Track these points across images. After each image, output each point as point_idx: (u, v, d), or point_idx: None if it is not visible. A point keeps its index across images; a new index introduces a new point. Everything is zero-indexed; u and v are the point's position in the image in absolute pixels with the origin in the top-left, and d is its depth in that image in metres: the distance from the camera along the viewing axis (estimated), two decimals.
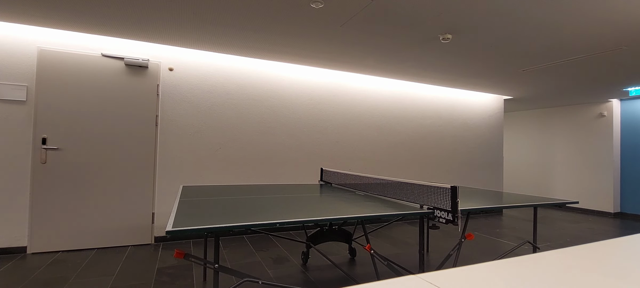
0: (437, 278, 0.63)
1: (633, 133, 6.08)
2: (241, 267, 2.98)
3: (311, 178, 4.48)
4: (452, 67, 4.26)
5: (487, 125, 6.09)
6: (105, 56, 3.48)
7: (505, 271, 0.69)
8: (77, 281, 2.58)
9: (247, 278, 1.69)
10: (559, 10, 2.54)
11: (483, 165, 6.00)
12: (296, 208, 1.85)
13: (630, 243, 0.93)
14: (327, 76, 4.67)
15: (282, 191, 2.66)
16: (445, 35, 3.12)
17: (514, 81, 4.91)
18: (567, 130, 6.84)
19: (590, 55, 3.61)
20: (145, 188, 3.62)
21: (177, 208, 1.71)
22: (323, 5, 2.55)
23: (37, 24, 3.12)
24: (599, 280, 0.66)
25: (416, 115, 5.36)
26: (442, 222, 1.74)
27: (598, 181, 6.31)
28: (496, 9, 2.55)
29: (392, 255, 3.37)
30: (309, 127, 4.54)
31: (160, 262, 3.07)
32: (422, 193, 2.01)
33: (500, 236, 4.35)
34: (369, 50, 3.65)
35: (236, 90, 4.13)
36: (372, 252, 2.04)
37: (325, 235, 2.93)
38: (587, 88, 5.23)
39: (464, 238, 2.23)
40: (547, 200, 2.50)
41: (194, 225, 1.33)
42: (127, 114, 3.55)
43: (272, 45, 3.56)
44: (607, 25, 2.80)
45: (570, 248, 0.85)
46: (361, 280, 2.71)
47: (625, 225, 5.44)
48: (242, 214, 1.62)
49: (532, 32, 2.99)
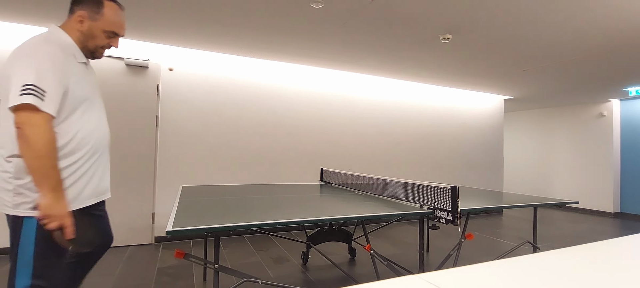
0: (437, 278, 0.63)
1: (633, 133, 6.08)
2: (241, 267, 2.98)
3: (311, 178, 4.48)
4: (452, 67, 4.26)
5: (487, 125, 6.09)
6: (105, 56, 3.48)
7: (505, 271, 0.69)
8: None
9: (247, 278, 1.69)
10: (559, 10, 2.54)
11: (483, 165, 6.00)
12: (296, 208, 1.85)
13: (630, 243, 0.93)
14: (327, 76, 4.67)
15: (282, 191, 2.66)
16: (445, 35, 3.12)
17: (514, 81, 4.91)
18: (567, 130, 6.84)
19: (590, 55, 3.61)
20: (145, 189, 3.61)
21: (177, 208, 1.71)
22: (323, 5, 2.55)
23: (38, 24, 3.11)
24: (599, 280, 0.66)
25: (416, 115, 5.36)
26: (442, 222, 1.74)
27: (598, 181, 6.31)
28: (496, 9, 2.55)
29: (392, 255, 3.37)
30: (309, 127, 4.54)
31: (160, 262, 3.07)
32: (422, 193, 2.01)
33: (500, 236, 4.35)
34: (369, 50, 3.64)
35: (236, 90, 4.13)
36: (372, 252, 2.04)
37: (325, 235, 2.93)
38: (587, 88, 5.23)
39: (464, 238, 2.23)
40: (547, 200, 2.50)
41: (194, 225, 1.33)
42: (127, 114, 3.55)
43: (272, 45, 3.56)
44: (608, 25, 2.80)
45: (570, 248, 0.85)
46: (361, 280, 2.71)
47: (625, 225, 5.44)
48: (242, 214, 1.62)
49: (532, 32, 2.99)
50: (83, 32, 1.25)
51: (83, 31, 1.25)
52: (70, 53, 1.21)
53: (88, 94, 1.25)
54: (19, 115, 1.04)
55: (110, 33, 1.30)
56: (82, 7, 1.24)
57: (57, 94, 1.10)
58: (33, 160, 1.04)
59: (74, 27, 1.25)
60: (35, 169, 1.04)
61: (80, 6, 1.24)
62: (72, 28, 1.25)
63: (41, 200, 1.05)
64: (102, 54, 1.34)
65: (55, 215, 1.06)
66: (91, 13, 1.25)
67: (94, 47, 1.29)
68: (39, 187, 1.06)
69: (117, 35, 1.32)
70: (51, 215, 1.05)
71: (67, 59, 1.17)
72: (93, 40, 1.27)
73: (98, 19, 1.26)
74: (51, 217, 1.06)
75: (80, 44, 1.26)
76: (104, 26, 1.27)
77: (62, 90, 1.13)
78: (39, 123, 1.05)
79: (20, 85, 1.04)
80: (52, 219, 1.06)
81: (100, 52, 1.32)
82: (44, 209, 1.05)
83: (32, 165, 1.04)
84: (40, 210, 1.06)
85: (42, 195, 1.05)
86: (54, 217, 1.06)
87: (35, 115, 1.05)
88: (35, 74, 1.06)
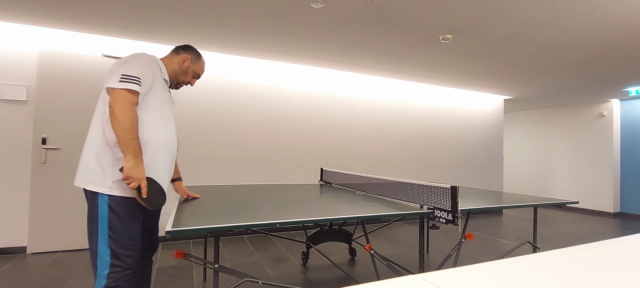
0: (437, 278, 0.63)
1: (633, 133, 6.08)
2: (241, 267, 2.98)
3: (311, 178, 4.48)
4: (452, 67, 4.26)
5: (487, 125, 6.09)
6: (105, 56, 3.48)
7: (505, 271, 0.69)
8: (77, 281, 2.58)
9: (247, 278, 1.69)
10: (559, 10, 2.54)
11: (483, 165, 6.00)
12: (296, 208, 1.85)
13: (630, 243, 0.93)
14: (327, 76, 4.67)
15: (282, 191, 2.66)
16: (445, 35, 3.12)
17: (514, 81, 4.91)
18: (567, 130, 6.84)
19: (590, 55, 3.61)
20: None
21: (177, 208, 1.71)
22: (323, 5, 2.55)
23: (38, 24, 3.11)
24: (599, 280, 0.66)
25: (416, 115, 5.36)
26: (442, 222, 1.74)
27: (598, 181, 6.31)
28: (496, 9, 2.55)
29: (392, 255, 3.37)
30: (309, 127, 4.54)
31: (160, 262, 3.07)
32: (422, 193, 2.01)
33: (500, 236, 4.35)
34: (369, 50, 3.64)
35: (236, 90, 4.13)
36: (372, 252, 2.04)
37: (325, 235, 2.93)
38: (587, 88, 5.23)
39: (464, 238, 2.23)
40: (547, 200, 2.50)
41: (194, 225, 1.33)
42: None
43: (272, 45, 3.56)
44: (607, 25, 2.80)
45: (570, 248, 0.85)
46: (361, 280, 2.71)
47: (625, 225, 5.44)
48: (242, 214, 1.62)
49: (532, 32, 2.99)
50: (182, 68, 1.68)
51: (182, 68, 1.68)
52: (161, 70, 1.58)
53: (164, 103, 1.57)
54: (114, 95, 1.34)
55: (196, 75, 1.75)
56: (188, 53, 1.71)
57: (147, 83, 1.43)
58: (119, 131, 1.32)
59: (176, 62, 1.67)
60: (121, 139, 1.33)
61: (187, 52, 1.70)
62: (173, 63, 1.67)
63: (125, 164, 1.33)
64: (179, 88, 1.77)
65: (135, 177, 1.33)
66: (193, 58, 1.71)
67: (182, 81, 1.71)
68: (124, 153, 1.34)
69: (197, 78, 1.78)
70: (132, 177, 1.33)
71: (158, 71, 1.54)
72: (185, 76, 1.71)
73: (196, 64, 1.73)
74: (132, 178, 1.33)
75: (173, 75, 1.67)
76: (196, 69, 1.73)
77: (151, 82, 1.47)
78: (126, 102, 1.34)
79: (120, 74, 1.35)
80: (132, 180, 1.33)
81: (181, 85, 1.75)
82: (127, 171, 1.32)
83: (119, 135, 1.33)
84: (124, 172, 1.32)
85: (126, 160, 1.33)
86: (134, 179, 1.33)
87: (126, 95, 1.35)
88: (137, 68, 1.40)
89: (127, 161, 1.32)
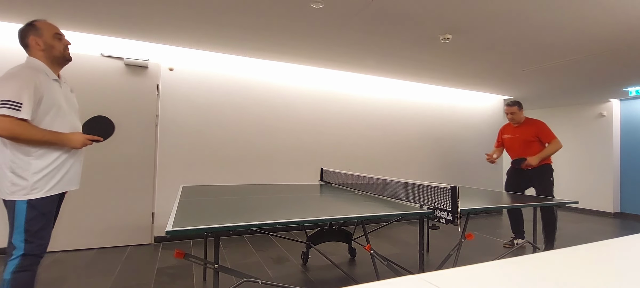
0: (437, 278, 0.63)
1: (633, 133, 6.08)
2: (241, 267, 2.98)
3: (311, 178, 4.48)
4: (451, 67, 4.26)
5: (487, 125, 6.09)
6: (105, 56, 3.48)
7: (505, 271, 0.69)
8: (77, 281, 2.58)
9: (247, 278, 1.69)
10: (559, 10, 2.54)
11: (483, 165, 5.99)
12: (296, 208, 1.85)
13: (630, 243, 0.93)
14: (327, 76, 4.67)
15: (282, 191, 2.66)
16: (445, 35, 3.12)
17: (514, 81, 4.91)
18: (567, 130, 6.84)
19: (590, 55, 3.61)
20: (145, 188, 3.61)
21: (177, 208, 1.71)
22: (323, 5, 2.55)
23: None
24: (599, 280, 0.66)
25: (416, 115, 5.36)
26: (442, 222, 1.74)
27: (598, 181, 6.31)
28: (496, 9, 2.55)
29: (392, 255, 3.37)
30: (309, 127, 4.54)
31: (160, 262, 3.07)
32: (422, 193, 2.01)
33: (500, 236, 4.35)
34: (368, 50, 3.64)
35: (236, 90, 4.13)
36: (372, 252, 2.04)
37: (325, 235, 2.93)
38: (587, 88, 5.23)
39: (464, 238, 2.23)
40: (547, 200, 2.50)
41: (194, 225, 1.33)
42: (127, 114, 3.55)
43: (272, 45, 3.56)
44: (607, 25, 2.80)
45: (570, 248, 0.85)
46: (361, 280, 2.71)
47: (625, 225, 5.44)
48: (242, 214, 1.62)
49: (532, 32, 2.99)
50: (45, 48, 1.66)
51: (45, 48, 1.66)
52: (43, 73, 1.61)
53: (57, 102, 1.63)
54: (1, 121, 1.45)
55: (56, 37, 1.70)
56: (31, 35, 1.65)
57: (30, 104, 1.50)
58: (31, 143, 1.52)
59: (37, 51, 1.66)
60: (37, 145, 1.53)
61: (28, 37, 1.65)
62: (36, 53, 1.66)
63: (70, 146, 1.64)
64: (68, 54, 1.76)
65: (79, 144, 1.65)
66: (36, 32, 1.66)
67: (58, 53, 1.70)
68: (56, 146, 1.59)
69: (62, 35, 1.74)
70: (77, 146, 1.65)
71: (40, 76, 1.58)
72: (52, 49, 1.68)
73: (43, 31, 1.66)
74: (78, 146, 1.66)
75: (48, 60, 1.67)
76: (47, 36, 1.67)
77: (36, 99, 1.53)
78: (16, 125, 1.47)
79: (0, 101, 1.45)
80: (82, 145, 1.66)
81: (65, 54, 1.74)
82: (74, 146, 1.64)
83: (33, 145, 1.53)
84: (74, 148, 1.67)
85: (64, 146, 1.62)
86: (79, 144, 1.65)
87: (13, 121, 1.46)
88: (14, 92, 1.47)
89: (64, 145, 1.60)
